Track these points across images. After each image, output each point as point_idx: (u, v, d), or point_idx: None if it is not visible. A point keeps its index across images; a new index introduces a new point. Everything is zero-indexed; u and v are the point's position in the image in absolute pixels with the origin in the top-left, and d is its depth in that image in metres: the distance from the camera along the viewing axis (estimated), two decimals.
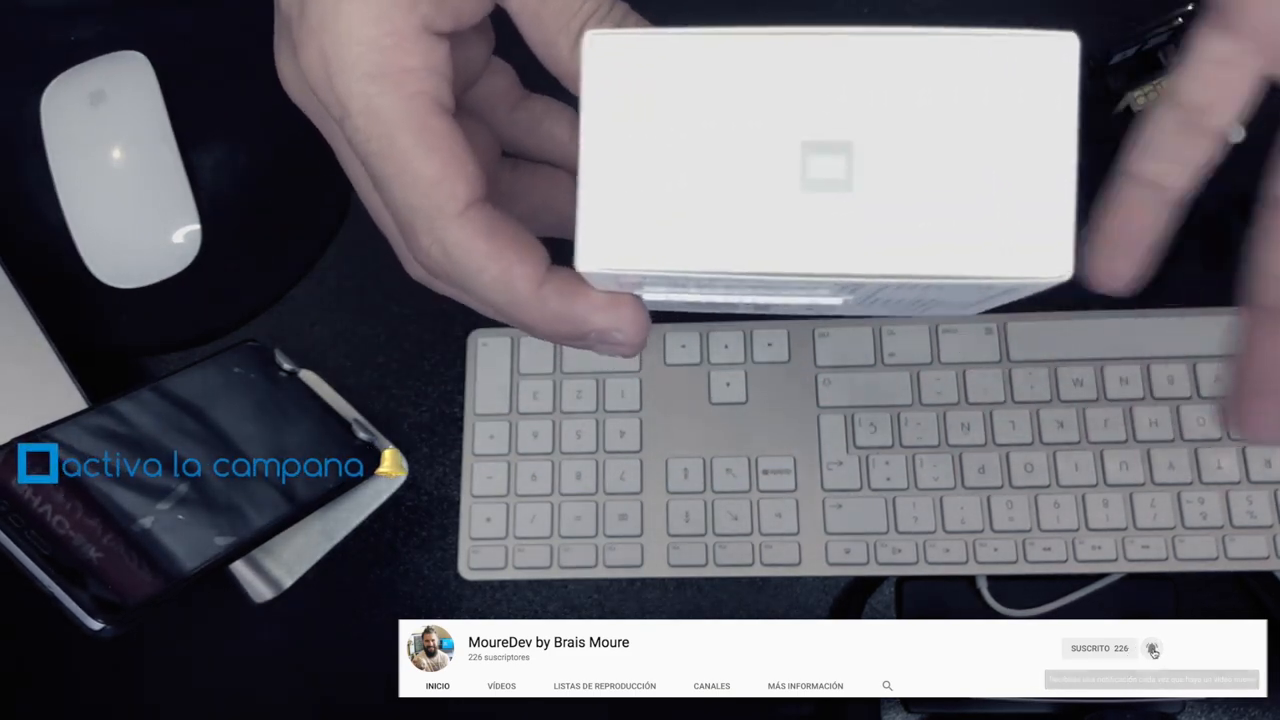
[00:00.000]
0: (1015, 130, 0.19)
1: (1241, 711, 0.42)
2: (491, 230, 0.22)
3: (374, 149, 0.22)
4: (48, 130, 0.46)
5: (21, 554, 0.33)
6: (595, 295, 0.22)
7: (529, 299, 0.22)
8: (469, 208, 0.22)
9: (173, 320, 0.47)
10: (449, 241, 0.22)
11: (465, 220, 0.22)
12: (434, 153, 0.22)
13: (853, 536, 0.42)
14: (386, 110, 0.22)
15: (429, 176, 0.22)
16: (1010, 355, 0.43)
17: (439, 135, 0.22)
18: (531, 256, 0.22)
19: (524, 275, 0.22)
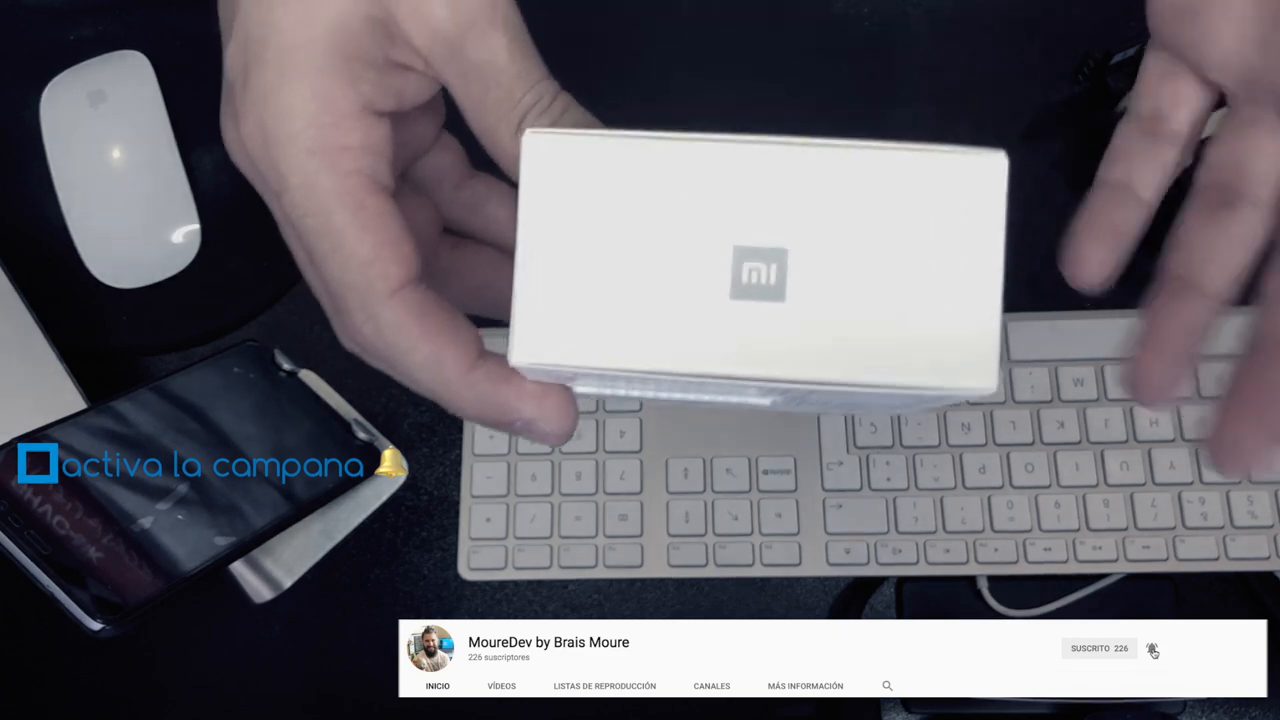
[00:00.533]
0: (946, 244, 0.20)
1: (1242, 711, 0.42)
2: (423, 312, 0.22)
3: (309, 225, 0.22)
4: (47, 130, 0.46)
5: (21, 554, 0.33)
6: (524, 384, 0.22)
7: (458, 382, 0.22)
8: (402, 288, 0.22)
9: (173, 320, 0.47)
10: (381, 321, 0.22)
11: (398, 301, 0.22)
12: (368, 232, 0.22)
13: (853, 536, 0.42)
14: (322, 187, 0.22)
15: (363, 256, 0.22)
16: (1011, 355, 0.43)
17: (374, 215, 0.22)
18: (463, 340, 0.22)
19: (454, 359, 0.22)
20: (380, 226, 0.22)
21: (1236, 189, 0.25)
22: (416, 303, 0.22)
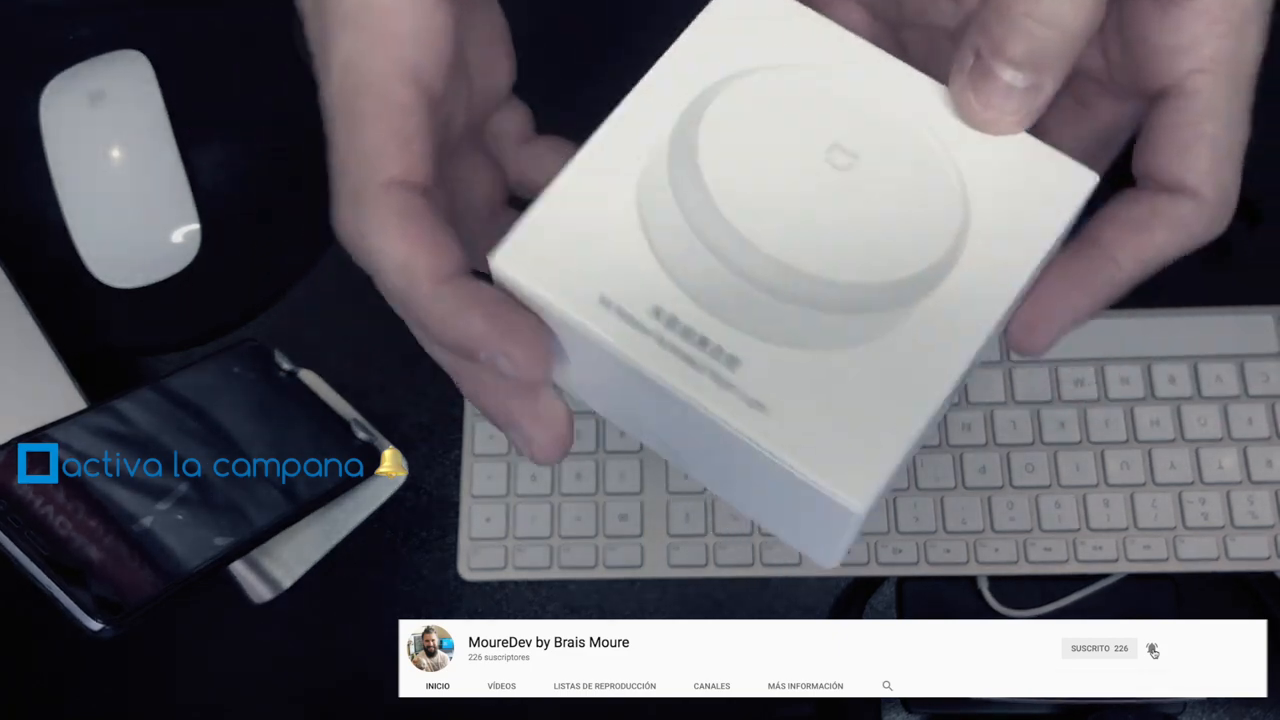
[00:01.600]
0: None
1: (1242, 711, 0.42)
2: (409, 214, 0.21)
3: (336, 103, 0.22)
4: (47, 130, 0.46)
5: (21, 554, 0.33)
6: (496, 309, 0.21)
7: (425, 294, 0.21)
8: (394, 184, 0.21)
9: (172, 320, 0.47)
10: (362, 210, 0.21)
11: (386, 194, 0.21)
12: (381, 120, 0.21)
13: None
14: (360, 68, 0.21)
15: (367, 142, 0.21)
16: (1011, 355, 0.43)
17: (395, 106, 0.21)
18: (443, 252, 0.21)
19: (426, 267, 0.21)
20: (395, 118, 0.21)
21: None
22: (404, 203, 0.21)
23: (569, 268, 0.21)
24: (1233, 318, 0.43)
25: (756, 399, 0.20)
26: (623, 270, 0.21)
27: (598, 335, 0.20)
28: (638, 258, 0.21)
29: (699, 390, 0.20)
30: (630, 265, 0.21)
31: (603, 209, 0.21)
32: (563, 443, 0.23)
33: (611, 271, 0.21)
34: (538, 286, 0.21)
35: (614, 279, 0.21)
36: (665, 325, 0.20)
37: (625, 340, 0.20)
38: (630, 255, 0.21)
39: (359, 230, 0.21)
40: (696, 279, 0.20)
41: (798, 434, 0.20)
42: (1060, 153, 0.22)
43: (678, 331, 0.20)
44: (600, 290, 0.20)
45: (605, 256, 0.21)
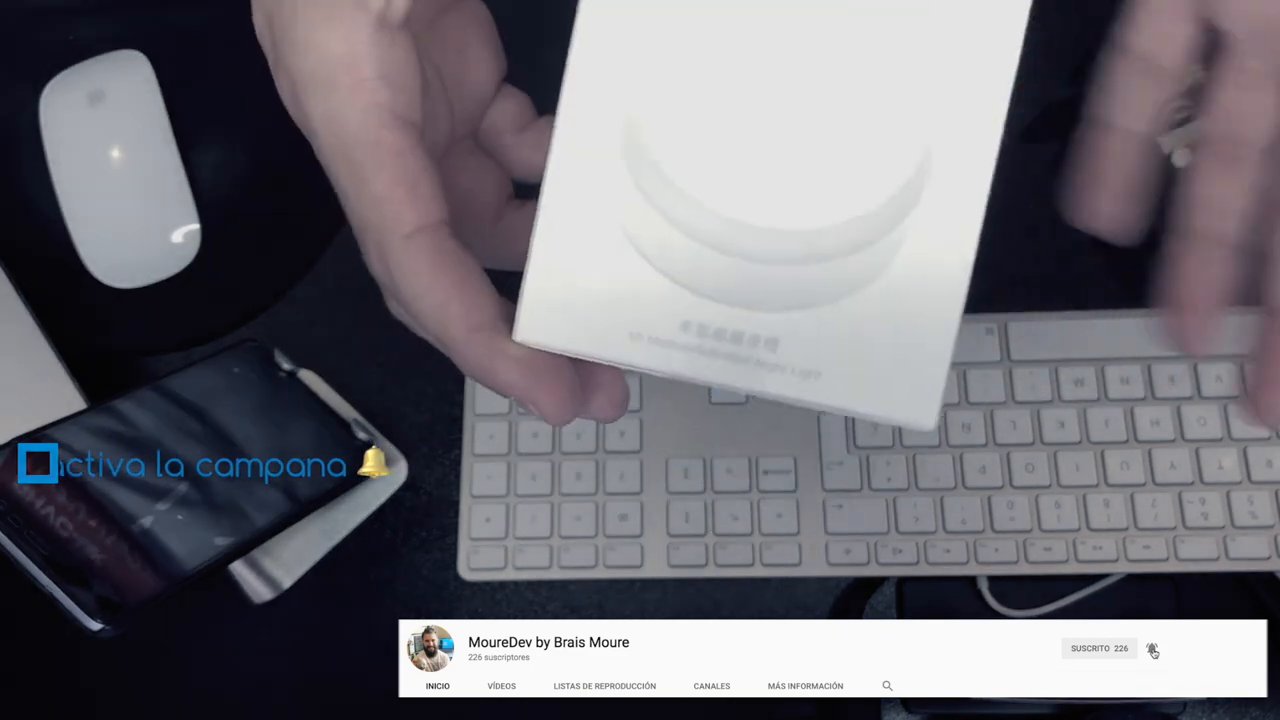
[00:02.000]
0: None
1: (1242, 711, 0.42)
2: (437, 260, 0.21)
3: (333, 162, 0.22)
4: (47, 130, 0.46)
5: (21, 554, 0.33)
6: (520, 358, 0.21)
7: (460, 340, 0.21)
8: (418, 232, 0.21)
9: (172, 320, 0.47)
10: (391, 263, 0.21)
11: (411, 245, 0.21)
12: (383, 169, 0.21)
13: (853, 536, 0.42)
14: (341, 122, 0.21)
15: (377, 194, 0.21)
16: (1011, 355, 0.43)
17: (391, 152, 0.21)
18: (474, 298, 0.21)
19: (459, 315, 0.21)
20: (397, 165, 0.21)
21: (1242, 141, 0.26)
22: (431, 250, 0.21)
23: (587, 315, 0.21)
24: (1233, 318, 0.42)
25: (808, 369, 0.21)
26: (637, 297, 0.21)
27: (641, 368, 0.21)
28: (644, 279, 0.21)
29: (754, 381, 0.21)
30: (641, 289, 0.21)
31: (592, 244, 0.21)
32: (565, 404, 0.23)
33: (628, 303, 0.21)
34: (568, 346, 0.21)
35: (633, 310, 0.21)
36: (698, 335, 0.21)
37: (669, 362, 0.21)
38: (637, 279, 0.21)
39: (391, 280, 0.22)
40: (706, 279, 0.21)
41: (858, 384, 0.21)
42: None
43: (712, 336, 0.21)
44: (626, 327, 0.21)
45: (616, 289, 0.21)
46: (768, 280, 0.20)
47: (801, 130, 0.20)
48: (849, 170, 0.20)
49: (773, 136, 0.21)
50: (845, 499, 0.42)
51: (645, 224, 0.21)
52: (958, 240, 0.21)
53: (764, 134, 0.21)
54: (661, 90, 0.21)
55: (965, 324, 0.40)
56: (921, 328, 0.21)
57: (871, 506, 0.42)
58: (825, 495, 0.42)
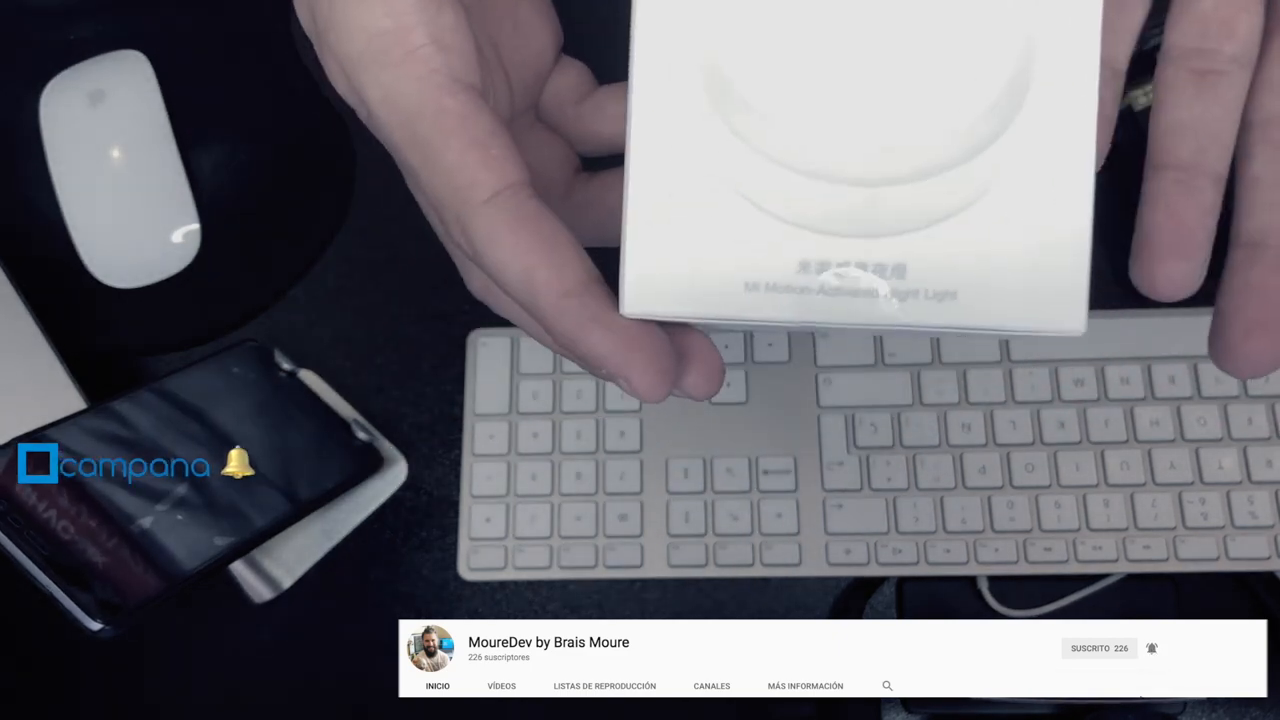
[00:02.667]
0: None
1: (1242, 711, 0.42)
2: (520, 223, 0.20)
3: (396, 140, 0.21)
4: (46, 130, 0.46)
5: (21, 554, 0.33)
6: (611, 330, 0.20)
7: (549, 308, 0.20)
8: (497, 196, 0.20)
9: (172, 320, 0.47)
10: (472, 231, 0.20)
11: (490, 209, 0.20)
12: (453, 137, 0.20)
13: (853, 536, 0.42)
14: (400, 97, 0.20)
15: (449, 163, 0.20)
16: (1011, 355, 0.43)
17: (457, 117, 0.20)
18: (563, 261, 0.20)
19: (547, 281, 0.20)
20: (464, 129, 0.20)
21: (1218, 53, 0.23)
22: (512, 213, 0.20)
23: (697, 275, 0.20)
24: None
25: (943, 290, 0.19)
26: (746, 245, 0.19)
27: (764, 320, 0.20)
28: (751, 224, 0.19)
29: (888, 314, 0.19)
30: (749, 235, 0.19)
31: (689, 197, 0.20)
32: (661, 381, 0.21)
33: (738, 252, 0.19)
34: (681, 310, 0.20)
35: (745, 259, 0.19)
36: (818, 272, 0.19)
37: (793, 309, 0.19)
38: (743, 225, 0.19)
39: (474, 251, 0.21)
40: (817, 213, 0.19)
41: (999, 299, 0.19)
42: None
43: (833, 272, 0.19)
44: (741, 278, 0.19)
45: (722, 241, 0.19)
46: (884, 203, 0.19)
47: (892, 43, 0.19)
48: (948, 76, 0.19)
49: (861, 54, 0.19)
50: (845, 499, 0.42)
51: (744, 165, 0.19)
52: (1074, 133, 0.19)
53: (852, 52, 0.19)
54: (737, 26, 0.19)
55: None
56: (1053, 229, 0.19)
57: (871, 506, 0.42)
58: (825, 495, 0.42)
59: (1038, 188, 0.19)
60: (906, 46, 0.19)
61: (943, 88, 0.19)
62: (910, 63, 0.19)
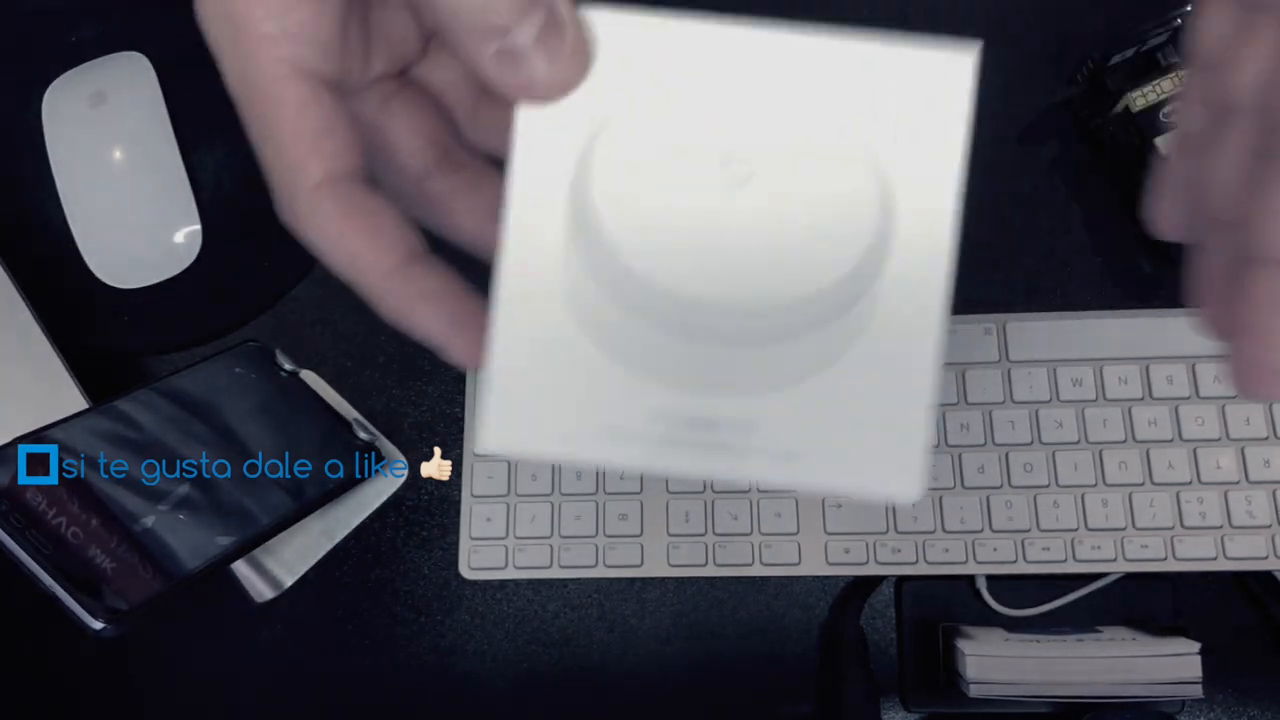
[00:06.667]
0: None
1: (1240, 711, 0.42)
2: (345, 210, 0.21)
3: (244, 116, 0.22)
4: (49, 131, 0.46)
5: (22, 554, 0.33)
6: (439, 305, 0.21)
7: (374, 289, 0.21)
8: (324, 183, 0.21)
9: (173, 320, 0.47)
10: (298, 214, 0.21)
11: (317, 196, 0.21)
12: (287, 124, 0.21)
13: (852, 536, 0.42)
14: (247, 76, 0.22)
15: (282, 147, 0.21)
16: (1010, 355, 0.43)
17: (295, 106, 0.21)
18: (386, 243, 0.21)
19: (371, 263, 0.21)
20: (299, 118, 0.21)
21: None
22: (337, 200, 0.21)
23: (553, 418, 0.20)
24: None
25: (787, 450, 0.20)
26: (602, 392, 0.20)
27: (616, 465, 0.21)
28: (608, 373, 0.20)
29: (734, 468, 0.20)
30: (606, 383, 0.20)
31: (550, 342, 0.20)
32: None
33: (593, 399, 0.20)
34: (535, 451, 0.21)
35: (600, 406, 0.20)
36: (670, 425, 0.20)
37: (643, 458, 0.20)
38: (601, 374, 0.20)
39: (303, 233, 0.22)
40: (671, 367, 0.20)
41: (840, 463, 0.20)
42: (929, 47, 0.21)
43: (685, 425, 0.20)
44: (594, 425, 0.20)
45: (579, 387, 0.20)
46: (737, 362, 0.20)
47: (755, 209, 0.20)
48: (808, 245, 0.20)
49: (725, 217, 0.20)
50: (844, 498, 0.42)
51: (605, 316, 0.20)
52: (924, 308, 0.20)
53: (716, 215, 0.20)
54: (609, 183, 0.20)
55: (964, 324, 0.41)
56: (897, 398, 0.20)
57: (870, 506, 0.42)
58: (825, 495, 0.43)
59: (884, 360, 0.20)
60: (769, 214, 0.20)
61: (801, 256, 0.20)
62: (771, 230, 0.20)
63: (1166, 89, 0.42)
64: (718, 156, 0.20)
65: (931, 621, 0.43)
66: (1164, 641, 0.40)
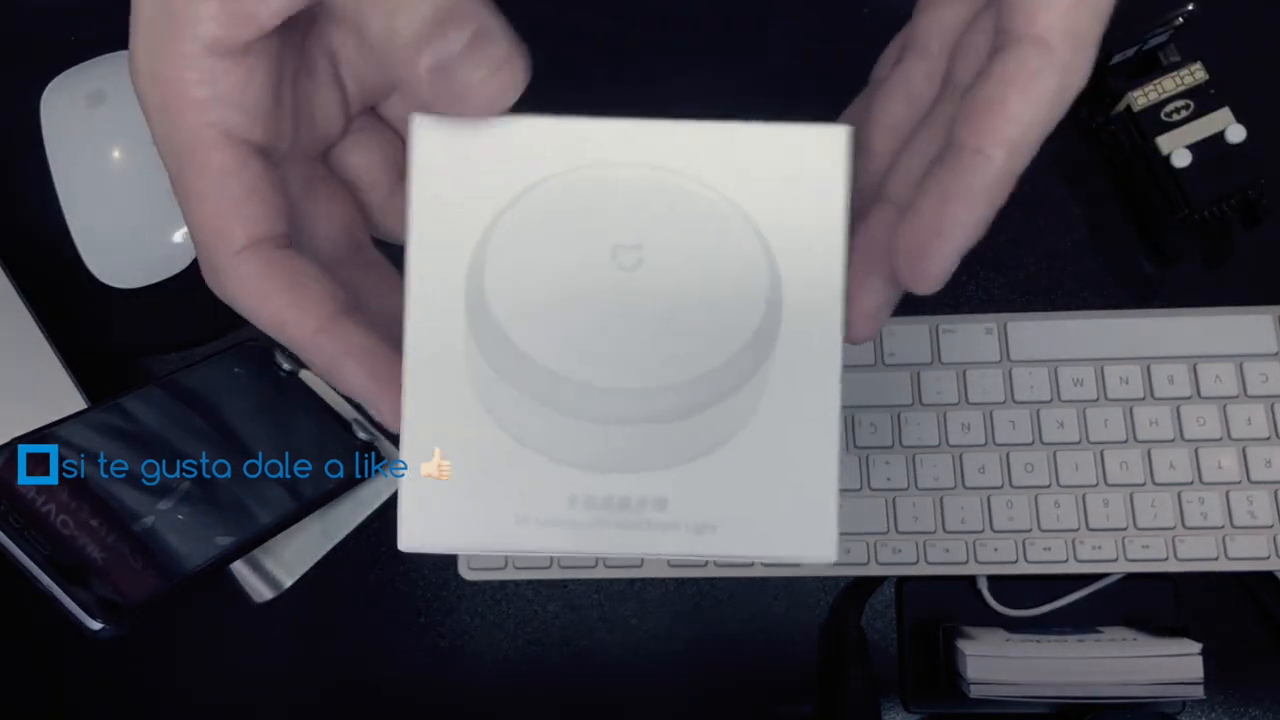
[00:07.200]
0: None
1: (1241, 711, 0.42)
2: (268, 273, 0.21)
3: (169, 172, 0.22)
4: (47, 130, 0.46)
5: (21, 554, 0.33)
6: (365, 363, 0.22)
7: (304, 345, 0.22)
8: (246, 249, 0.21)
9: (173, 320, 0.47)
10: (221, 279, 0.22)
11: (239, 262, 0.21)
12: (211, 189, 0.21)
13: (853, 536, 0.42)
14: (171, 140, 0.22)
15: (205, 213, 0.21)
16: (1010, 355, 0.43)
17: (219, 173, 0.21)
18: (311, 304, 0.22)
19: (297, 322, 0.21)
20: (224, 184, 0.21)
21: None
22: (260, 265, 0.21)
23: (470, 510, 0.21)
24: (1232, 318, 0.43)
25: (701, 523, 0.21)
26: (515, 481, 0.21)
27: (537, 552, 0.21)
28: (519, 461, 0.21)
29: (651, 544, 0.21)
30: (518, 472, 0.21)
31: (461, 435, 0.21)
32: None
33: (508, 488, 0.21)
34: (455, 544, 0.21)
35: (515, 494, 0.21)
36: (585, 507, 0.21)
37: (563, 541, 0.21)
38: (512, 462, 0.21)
39: (227, 296, 0.22)
40: (581, 450, 0.21)
41: (753, 531, 0.21)
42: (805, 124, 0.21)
43: (600, 506, 0.21)
44: (512, 512, 0.21)
45: (493, 478, 0.21)
46: (644, 440, 0.21)
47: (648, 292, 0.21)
48: (701, 321, 0.21)
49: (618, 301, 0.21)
50: (844, 499, 0.42)
51: (511, 406, 0.21)
52: (821, 370, 0.21)
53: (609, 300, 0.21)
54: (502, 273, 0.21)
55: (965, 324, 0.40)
56: (802, 463, 0.21)
57: (871, 506, 0.42)
58: None
59: (787, 425, 0.21)
60: (661, 296, 0.21)
61: (695, 333, 0.21)
62: (664, 311, 0.21)
63: (1168, 88, 0.42)
64: (608, 244, 0.21)
65: (932, 622, 0.43)
66: (1165, 642, 0.40)
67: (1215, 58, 0.42)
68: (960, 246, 0.21)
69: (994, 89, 0.20)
